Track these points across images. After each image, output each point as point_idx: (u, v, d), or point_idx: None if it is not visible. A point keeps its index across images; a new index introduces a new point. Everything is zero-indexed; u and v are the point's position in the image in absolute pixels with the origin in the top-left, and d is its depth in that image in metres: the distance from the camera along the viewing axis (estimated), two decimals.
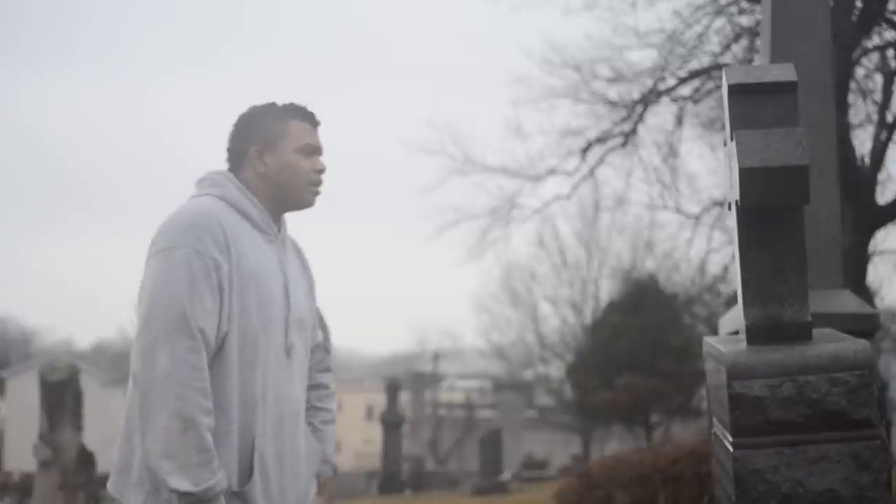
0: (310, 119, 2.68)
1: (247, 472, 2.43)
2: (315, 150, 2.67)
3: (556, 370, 30.66)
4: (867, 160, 11.79)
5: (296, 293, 2.62)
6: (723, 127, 5.65)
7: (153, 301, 2.36)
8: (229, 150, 2.66)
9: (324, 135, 2.70)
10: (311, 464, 2.68)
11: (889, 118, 11.89)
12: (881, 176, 11.99)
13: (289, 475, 2.54)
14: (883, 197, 12.05)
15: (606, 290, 28.92)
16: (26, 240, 78.07)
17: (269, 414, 2.48)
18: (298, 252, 2.80)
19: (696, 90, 13.09)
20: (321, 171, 2.67)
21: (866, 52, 11.79)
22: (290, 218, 2.74)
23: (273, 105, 2.67)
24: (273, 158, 2.61)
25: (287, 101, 2.68)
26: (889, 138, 11.77)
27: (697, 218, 14.88)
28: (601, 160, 14.35)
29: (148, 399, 2.32)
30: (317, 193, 2.68)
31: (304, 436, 2.63)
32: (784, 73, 2.83)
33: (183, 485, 2.28)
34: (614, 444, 25.75)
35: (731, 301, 14.55)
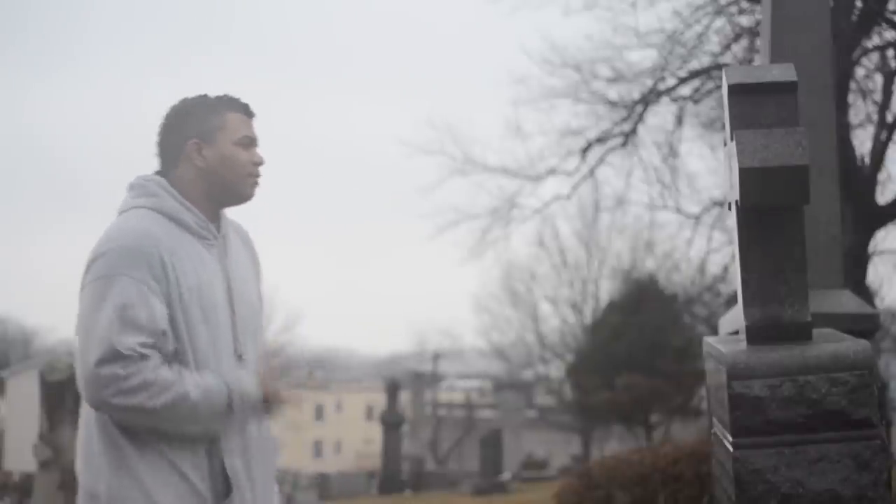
0: (245, 110, 2.63)
1: (221, 488, 2.42)
2: (253, 142, 2.62)
3: (556, 370, 30.70)
4: (867, 160, 11.79)
5: (241, 294, 2.58)
6: (723, 127, 5.65)
7: (88, 333, 2.35)
8: (162, 144, 2.60)
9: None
10: (273, 462, 2.67)
11: (889, 118, 11.90)
12: (881, 176, 12.00)
13: (259, 482, 2.53)
14: (883, 197, 12.06)
15: (606, 290, 28.98)
16: (26, 240, 78.11)
17: (233, 425, 2.47)
18: (244, 240, 2.74)
19: (696, 90, 13.10)
20: (259, 163, 2.62)
21: (866, 52, 11.80)
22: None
23: (206, 97, 2.61)
24: (212, 152, 2.56)
25: (221, 93, 2.63)
26: (889, 138, 11.78)
27: (697, 218, 14.89)
28: (601, 160, 14.36)
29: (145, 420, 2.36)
30: (256, 185, 2.63)
31: (266, 437, 2.62)
32: (784, 73, 2.84)
33: (217, 421, 2.41)
34: (614, 444, 25.72)
35: (731, 301, 14.54)
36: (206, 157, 2.56)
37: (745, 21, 12.17)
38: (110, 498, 2.35)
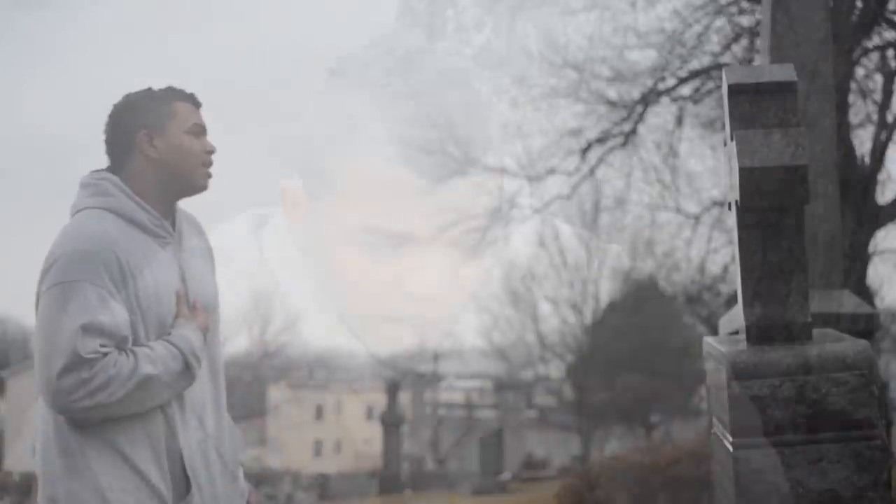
0: (192, 100, 2.61)
1: (181, 486, 2.40)
2: (203, 130, 2.60)
3: (556, 370, 30.70)
4: (867, 160, 11.78)
5: (196, 292, 2.56)
6: (723, 127, 5.65)
7: (50, 340, 2.30)
8: (112, 140, 2.56)
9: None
10: (236, 456, 2.65)
11: (889, 118, 11.88)
12: (881, 176, 11.98)
13: (218, 477, 2.52)
14: (883, 197, 12.05)
15: (606, 290, 28.97)
16: (27, 239, 78.12)
17: (189, 422, 2.46)
18: (198, 231, 2.71)
19: (696, 90, 13.10)
20: (211, 151, 2.60)
21: (866, 52, 11.79)
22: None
23: (152, 89, 2.59)
24: (163, 142, 2.53)
25: (165, 85, 2.61)
26: (889, 138, 11.76)
27: (697, 218, 14.88)
28: (601, 160, 14.35)
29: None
30: (209, 176, 2.60)
31: (227, 432, 2.61)
32: (784, 73, 2.84)
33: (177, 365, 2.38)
34: (614, 444, 25.75)
35: (731, 301, 14.53)
36: (158, 147, 2.53)
37: (745, 21, 12.17)
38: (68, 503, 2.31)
